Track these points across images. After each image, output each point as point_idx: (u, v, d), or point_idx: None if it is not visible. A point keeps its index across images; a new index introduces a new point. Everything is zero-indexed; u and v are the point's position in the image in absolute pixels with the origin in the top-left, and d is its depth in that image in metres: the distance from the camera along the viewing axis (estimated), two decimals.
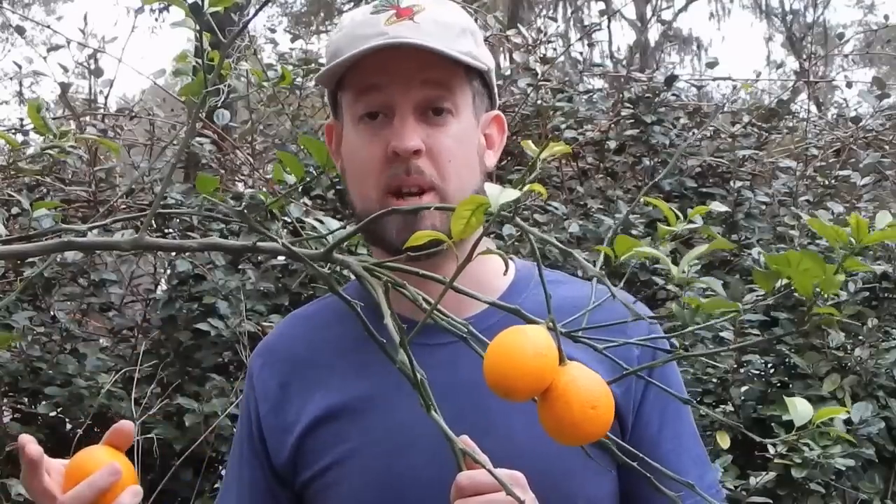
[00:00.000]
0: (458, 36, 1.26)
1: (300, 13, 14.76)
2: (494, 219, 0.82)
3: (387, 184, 1.24)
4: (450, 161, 1.25)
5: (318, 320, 1.37)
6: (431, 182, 1.24)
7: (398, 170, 1.23)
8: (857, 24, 14.13)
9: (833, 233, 0.87)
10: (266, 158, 3.70)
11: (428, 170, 1.24)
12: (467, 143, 1.28)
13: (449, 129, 1.26)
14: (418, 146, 1.23)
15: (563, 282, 1.33)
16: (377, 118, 1.26)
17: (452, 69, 1.26)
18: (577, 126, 3.73)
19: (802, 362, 2.91)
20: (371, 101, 1.26)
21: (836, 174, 3.70)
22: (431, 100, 1.25)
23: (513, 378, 0.85)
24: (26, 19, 7.44)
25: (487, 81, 1.32)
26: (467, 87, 1.29)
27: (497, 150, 1.35)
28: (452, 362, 1.14)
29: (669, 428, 1.29)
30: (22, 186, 3.33)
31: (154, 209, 1.00)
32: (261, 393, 1.35)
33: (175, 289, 3.14)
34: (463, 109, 1.28)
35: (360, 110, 1.27)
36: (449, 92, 1.26)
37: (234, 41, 0.99)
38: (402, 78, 1.24)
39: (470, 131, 1.29)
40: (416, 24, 1.24)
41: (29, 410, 2.99)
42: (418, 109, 1.25)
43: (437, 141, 1.24)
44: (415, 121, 1.24)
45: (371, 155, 1.25)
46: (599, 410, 0.86)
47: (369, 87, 1.26)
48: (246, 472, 1.36)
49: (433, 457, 1.04)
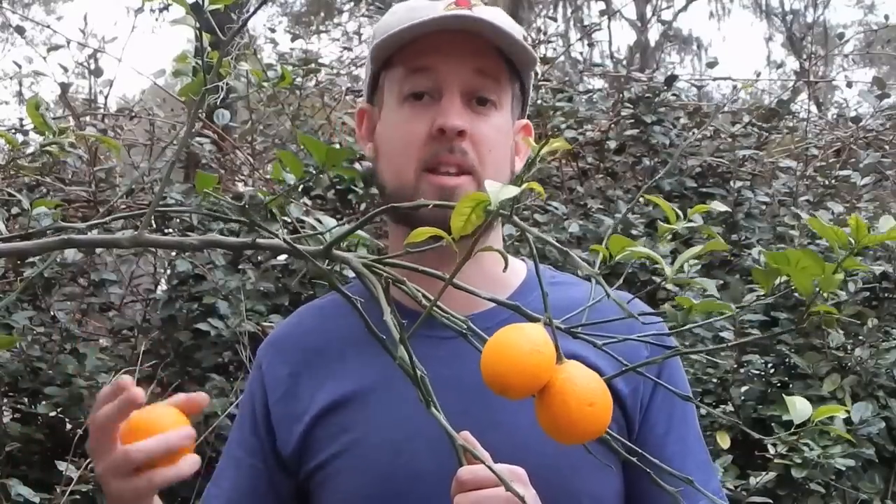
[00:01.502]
0: (514, 31, 1.28)
1: (300, 13, 14.76)
2: (494, 216, 0.82)
3: (426, 160, 1.25)
4: (490, 151, 1.26)
5: (330, 311, 1.38)
6: (472, 165, 1.25)
7: (441, 148, 1.24)
8: (857, 24, 14.14)
9: (833, 234, 0.87)
10: (266, 158, 3.70)
11: (471, 153, 1.25)
12: (505, 138, 1.30)
13: (491, 119, 1.28)
14: (464, 126, 1.24)
15: (574, 283, 1.33)
16: (422, 99, 1.27)
17: (501, 63, 1.28)
18: (577, 126, 3.74)
19: (802, 362, 2.91)
20: (420, 81, 1.27)
21: (836, 174, 3.70)
22: (479, 88, 1.27)
23: (508, 374, 0.84)
24: (26, 19, 7.45)
25: (525, 89, 1.35)
26: (509, 86, 1.31)
27: (523, 156, 1.36)
28: (458, 355, 1.15)
29: (675, 431, 1.30)
30: (22, 186, 3.33)
31: (154, 206, 1.00)
32: (270, 382, 1.35)
33: (175, 289, 3.14)
34: (504, 105, 1.30)
35: (406, 89, 1.28)
36: (497, 84, 1.28)
37: (233, 39, 0.99)
38: (456, 60, 1.26)
39: (507, 129, 1.31)
40: (473, 13, 1.25)
41: (29, 410, 2.99)
42: (466, 95, 1.26)
43: (480, 129, 1.26)
44: (462, 104, 1.25)
45: (413, 132, 1.26)
46: (596, 408, 0.86)
47: (422, 66, 1.27)
48: (246, 456, 1.37)
49: (436, 448, 1.05)
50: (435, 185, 1.24)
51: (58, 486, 2.68)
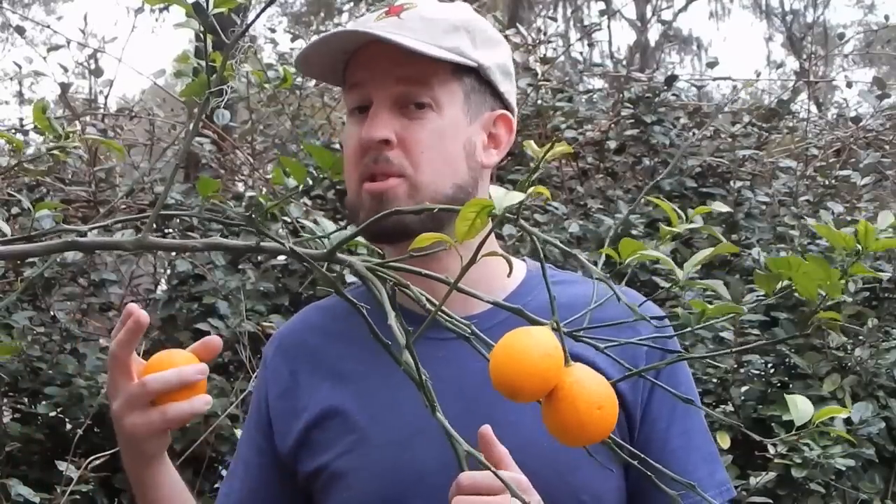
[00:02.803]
0: (444, 32, 1.28)
1: (300, 13, 14.77)
2: (498, 221, 0.82)
3: (361, 172, 1.28)
4: (422, 153, 1.27)
5: (335, 310, 1.39)
6: (400, 170, 1.26)
7: (369, 159, 1.27)
8: (857, 24, 14.15)
9: (841, 239, 0.88)
10: (266, 158, 3.71)
11: (397, 160, 1.26)
12: (448, 138, 1.29)
13: (427, 122, 1.28)
14: (384, 136, 1.26)
15: (574, 282, 1.33)
16: (364, 111, 1.29)
17: (431, 65, 1.27)
18: (577, 126, 3.74)
19: (802, 362, 2.91)
20: (356, 96, 1.31)
21: (837, 174, 3.70)
22: (407, 95, 1.28)
23: (519, 380, 0.85)
24: (26, 19, 7.45)
25: (488, 79, 1.32)
26: (454, 83, 1.29)
27: (503, 148, 1.35)
28: (459, 356, 1.15)
29: (678, 425, 1.29)
30: (22, 186, 3.33)
31: (157, 210, 1.00)
32: (272, 378, 1.37)
33: (175, 289, 3.14)
34: (446, 105, 1.29)
35: (350, 104, 1.32)
36: (426, 87, 1.28)
37: (236, 43, 0.99)
38: (379, 74, 1.28)
39: (454, 127, 1.30)
40: (401, 21, 1.27)
41: (29, 410, 2.99)
42: (398, 103, 1.28)
43: (411, 133, 1.27)
44: (390, 114, 1.27)
45: (353, 145, 1.29)
46: (605, 411, 0.87)
47: (354, 83, 1.31)
48: (254, 455, 1.38)
49: (440, 446, 1.05)
50: (368, 192, 1.27)
51: (58, 486, 2.68)
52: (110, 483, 2.96)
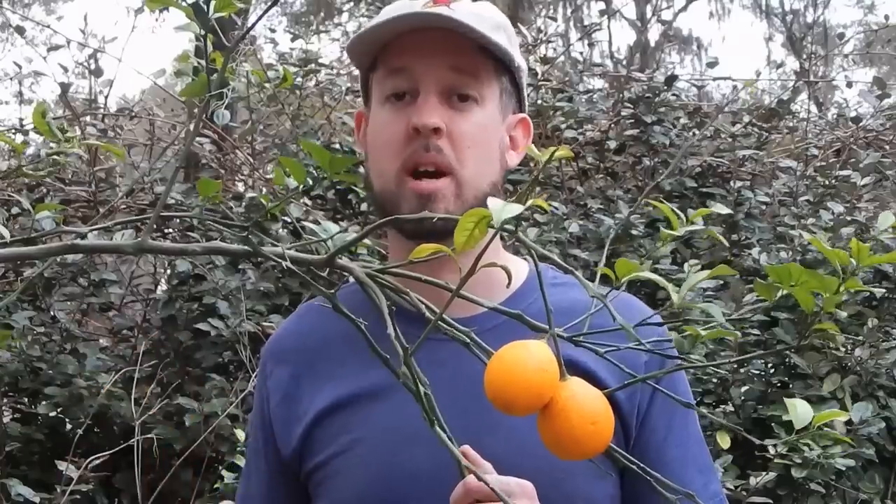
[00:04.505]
0: (492, 28, 1.27)
1: (300, 13, 14.75)
2: (496, 233, 0.81)
3: (405, 161, 1.25)
4: (469, 147, 1.26)
5: (332, 312, 1.38)
6: (449, 163, 1.24)
7: (417, 147, 1.24)
8: (857, 24, 14.13)
9: (835, 255, 0.88)
10: (266, 158, 3.70)
11: (447, 150, 1.24)
12: (489, 134, 1.29)
13: (472, 115, 1.27)
14: (438, 124, 1.24)
15: (575, 284, 1.33)
16: (403, 98, 1.27)
17: (481, 59, 1.27)
18: (577, 126, 3.74)
19: (802, 362, 2.91)
20: (398, 81, 1.27)
21: (837, 174, 3.70)
22: (457, 85, 1.26)
23: (513, 394, 0.85)
24: (26, 19, 7.44)
25: (517, 82, 1.33)
26: (495, 81, 1.30)
27: (521, 152, 1.35)
28: (456, 359, 1.14)
29: (676, 436, 1.29)
30: (22, 187, 3.33)
31: (157, 212, 1.00)
32: (272, 383, 1.36)
33: (175, 289, 3.14)
34: (488, 101, 1.29)
35: (387, 90, 1.28)
36: (475, 80, 1.27)
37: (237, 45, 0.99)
38: (431, 60, 1.25)
39: (493, 124, 1.30)
40: (453, 11, 1.25)
41: (29, 410, 2.99)
42: (444, 93, 1.26)
43: (458, 125, 1.25)
44: (438, 102, 1.25)
45: (393, 132, 1.26)
46: (599, 426, 0.86)
47: (399, 68, 1.27)
48: (262, 462, 1.38)
49: (435, 451, 1.05)
50: (414, 191, 1.24)
51: (58, 486, 2.68)
52: (110, 483, 2.96)
